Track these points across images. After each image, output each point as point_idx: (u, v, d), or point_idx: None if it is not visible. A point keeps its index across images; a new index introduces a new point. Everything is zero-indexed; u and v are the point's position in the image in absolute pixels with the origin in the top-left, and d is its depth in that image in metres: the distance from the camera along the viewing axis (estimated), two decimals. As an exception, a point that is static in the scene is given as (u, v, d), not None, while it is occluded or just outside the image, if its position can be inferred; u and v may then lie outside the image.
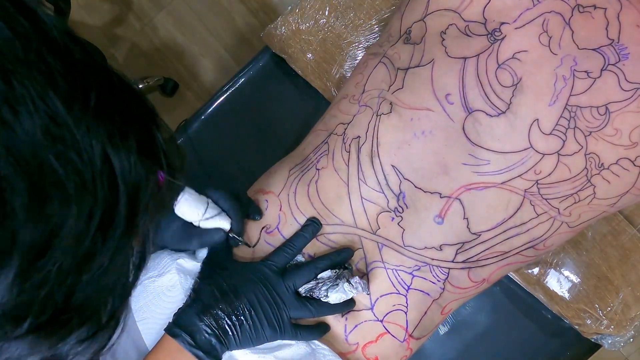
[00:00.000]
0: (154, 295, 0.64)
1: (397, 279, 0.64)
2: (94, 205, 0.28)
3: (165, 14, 1.57)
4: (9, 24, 0.26)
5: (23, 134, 0.25)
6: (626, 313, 0.81)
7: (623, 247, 0.82)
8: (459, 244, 0.62)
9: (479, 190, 0.61)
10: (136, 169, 0.30)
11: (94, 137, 0.28)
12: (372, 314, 0.64)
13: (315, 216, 0.65)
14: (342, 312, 0.64)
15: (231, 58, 1.55)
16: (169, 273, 0.64)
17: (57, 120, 0.26)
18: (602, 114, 0.58)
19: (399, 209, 0.63)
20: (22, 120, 0.25)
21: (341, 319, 0.65)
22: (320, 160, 0.67)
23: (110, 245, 0.30)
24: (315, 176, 0.66)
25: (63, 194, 0.26)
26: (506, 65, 0.59)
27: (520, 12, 0.59)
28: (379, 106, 0.64)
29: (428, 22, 0.63)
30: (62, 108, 0.27)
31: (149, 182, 0.32)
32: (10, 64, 0.26)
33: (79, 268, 0.28)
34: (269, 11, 1.54)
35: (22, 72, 0.26)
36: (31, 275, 0.26)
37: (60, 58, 0.28)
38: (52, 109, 0.26)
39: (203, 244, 0.62)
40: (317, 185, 0.66)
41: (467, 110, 0.60)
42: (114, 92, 0.31)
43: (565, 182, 0.60)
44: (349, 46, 0.87)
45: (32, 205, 0.25)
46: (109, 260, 0.30)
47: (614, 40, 0.58)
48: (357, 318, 0.65)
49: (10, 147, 0.25)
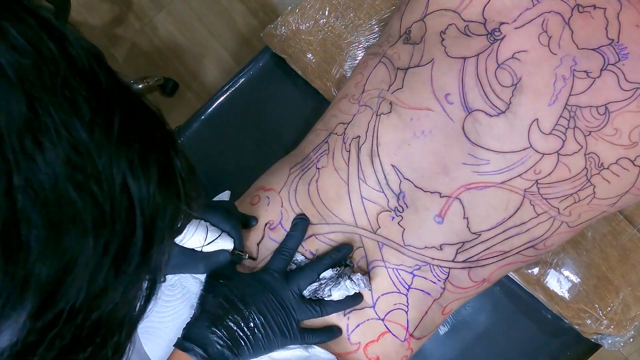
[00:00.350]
0: None
1: (398, 278, 0.64)
2: (110, 237, 0.27)
3: (165, 14, 1.57)
4: (37, 48, 0.25)
5: (44, 166, 0.24)
6: (626, 313, 0.81)
7: (623, 247, 0.82)
8: (459, 244, 0.62)
9: (478, 189, 0.61)
10: (155, 198, 0.29)
11: (115, 165, 0.27)
12: (374, 312, 0.64)
13: (315, 215, 0.66)
14: (347, 308, 0.63)
15: (231, 58, 1.55)
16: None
17: (79, 148, 0.25)
18: (601, 114, 0.58)
19: (399, 209, 0.63)
20: (45, 151, 0.24)
21: (344, 318, 0.65)
22: (321, 159, 0.67)
23: (123, 280, 0.28)
24: (316, 175, 0.66)
25: (80, 227, 0.25)
26: (506, 65, 0.59)
27: (520, 12, 0.59)
28: (378, 106, 0.64)
29: (428, 22, 0.63)
30: (85, 135, 0.26)
31: (167, 212, 0.30)
32: (37, 91, 0.25)
33: (90, 305, 0.27)
34: (269, 11, 1.54)
35: (47, 100, 0.25)
36: (44, 315, 0.25)
37: (85, 82, 0.27)
38: (75, 137, 0.25)
39: (210, 267, 0.61)
40: (317, 185, 0.66)
41: (466, 110, 0.60)
42: (136, 116, 0.30)
43: (565, 182, 0.60)
44: (349, 46, 0.87)
45: (49, 240, 0.24)
46: (121, 295, 0.29)
47: (613, 40, 0.58)
48: (359, 317, 0.65)
49: (30, 180, 0.24)
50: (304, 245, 0.66)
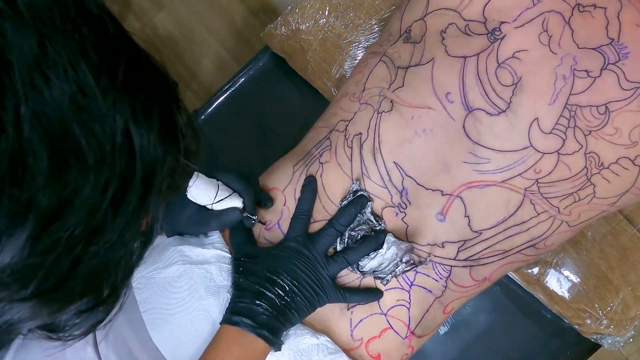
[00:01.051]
0: (159, 286, 0.64)
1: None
2: (110, 178, 0.28)
3: (165, 14, 1.56)
4: None
5: (51, 100, 0.26)
6: (626, 313, 0.81)
7: (623, 247, 0.83)
8: (461, 242, 0.63)
9: (479, 188, 0.61)
10: (155, 148, 0.30)
11: (119, 111, 0.28)
12: (378, 306, 0.64)
13: (321, 211, 0.66)
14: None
15: (231, 58, 1.54)
16: (175, 264, 0.64)
17: (85, 90, 0.27)
18: (602, 113, 0.58)
19: (403, 205, 0.63)
20: (52, 86, 0.26)
21: (347, 312, 0.65)
22: (323, 154, 0.67)
23: (120, 221, 0.30)
24: (319, 170, 0.67)
25: (82, 163, 0.27)
26: (506, 64, 0.59)
27: (520, 12, 0.59)
28: (379, 104, 0.64)
29: (428, 21, 0.63)
30: (92, 79, 0.27)
31: (166, 162, 0.32)
32: (47, 28, 0.26)
33: (88, 239, 0.29)
34: (269, 11, 1.54)
35: (57, 39, 0.26)
36: (43, 239, 0.27)
37: (94, 29, 0.29)
38: (82, 79, 0.27)
39: (221, 224, 0.63)
40: (322, 179, 0.66)
41: (467, 108, 0.60)
42: (141, 68, 0.32)
43: (565, 181, 0.60)
44: (349, 46, 0.87)
45: (52, 171, 0.26)
46: (118, 236, 0.31)
47: (614, 40, 0.58)
48: (363, 311, 0.65)
49: (38, 112, 0.25)
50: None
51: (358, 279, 0.65)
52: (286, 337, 0.62)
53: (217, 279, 0.64)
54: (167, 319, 0.63)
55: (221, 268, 0.65)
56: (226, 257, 0.65)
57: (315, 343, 0.63)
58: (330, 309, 0.64)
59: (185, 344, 0.62)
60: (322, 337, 0.64)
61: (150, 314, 0.63)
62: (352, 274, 0.64)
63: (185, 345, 0.62)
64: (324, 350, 0.63)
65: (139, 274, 0.66)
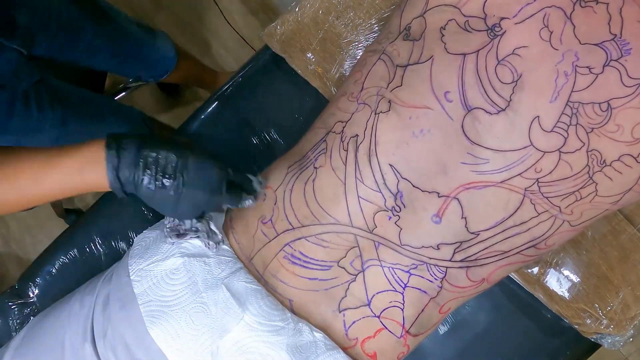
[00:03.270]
0: (157, 279, 0.64)
1: (394, 277, 0.63)
2: None
3: (165, 14, 1.57)
4: None
5: None
6: (626, 313, 0.81)
7: (623, 246, 0.82)
8: (457, 243, 0.62)
9: (477, 189, 0.60)
10: None
11: None
12: (370, 310, 0.64)
13: (308, 216, 0.65)
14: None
15: (231, 58, 1.55)
16: (172, 257, 0.65)
17: None
18: (604, 110, 0.58)
19: (397, 208, 0.63)
20: None
21: (339, 314, 0.65)
22: (318, 158, 0.67)
23: None
24: (313, 175, 0.66)
25: None
26: (506, 61, 0.58)
27: (521, 7, 0.59)
28: (377, 104, 0.64)
29: (428, 18, 0.63)
30: None
31: None
32: None
33: None
34: (269, 11, 1.54)
35: None
36: None
37: None
38: None
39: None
40: (314, 185, 0.66)
41: (466, 108, 0.59)
42: None
43: (566, 180, 0.59)
44: (348, 45, 0.87)
45: None
46: None
47: (616, 36, 0.58)
48: (354, 315, 0.65)
49: None
50: (292, 245, 0.66)
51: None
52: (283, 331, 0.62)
53: (215, 271, 0.64)
54: (165, 311, 0.62)
55: (220, 260, 0.64)
56: (225, 250, 0.65)
57: (312, 340, 0.63)
58: (325, 309, 0.65)
59: (183, 337, 0.62)
60: (320, 333, 0.63)
61: (148, 306, 0.63)
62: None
63: (182, 338, 0.62)
64: (321, 346, 0.63)
65: (137, 267, 0.66)
